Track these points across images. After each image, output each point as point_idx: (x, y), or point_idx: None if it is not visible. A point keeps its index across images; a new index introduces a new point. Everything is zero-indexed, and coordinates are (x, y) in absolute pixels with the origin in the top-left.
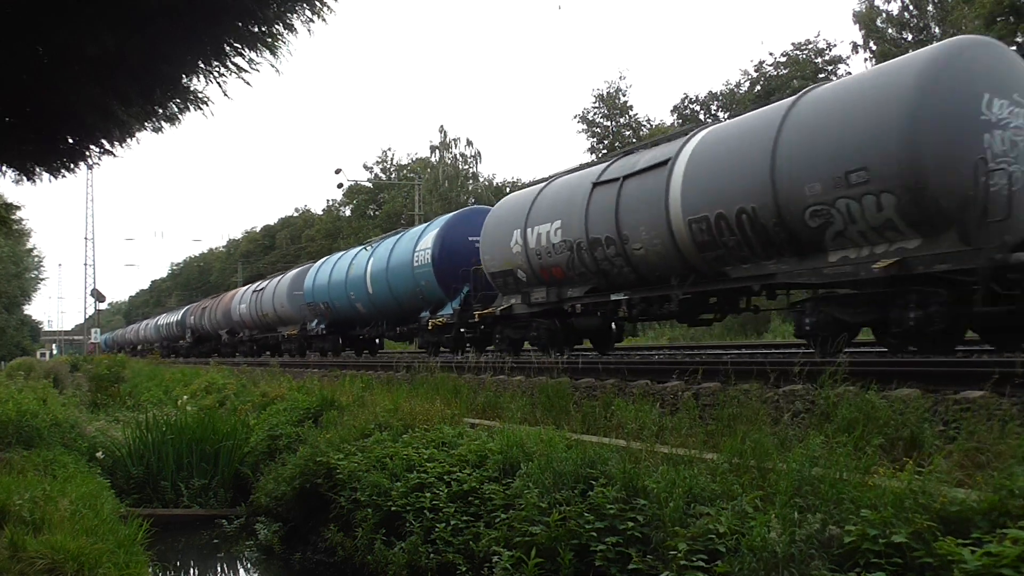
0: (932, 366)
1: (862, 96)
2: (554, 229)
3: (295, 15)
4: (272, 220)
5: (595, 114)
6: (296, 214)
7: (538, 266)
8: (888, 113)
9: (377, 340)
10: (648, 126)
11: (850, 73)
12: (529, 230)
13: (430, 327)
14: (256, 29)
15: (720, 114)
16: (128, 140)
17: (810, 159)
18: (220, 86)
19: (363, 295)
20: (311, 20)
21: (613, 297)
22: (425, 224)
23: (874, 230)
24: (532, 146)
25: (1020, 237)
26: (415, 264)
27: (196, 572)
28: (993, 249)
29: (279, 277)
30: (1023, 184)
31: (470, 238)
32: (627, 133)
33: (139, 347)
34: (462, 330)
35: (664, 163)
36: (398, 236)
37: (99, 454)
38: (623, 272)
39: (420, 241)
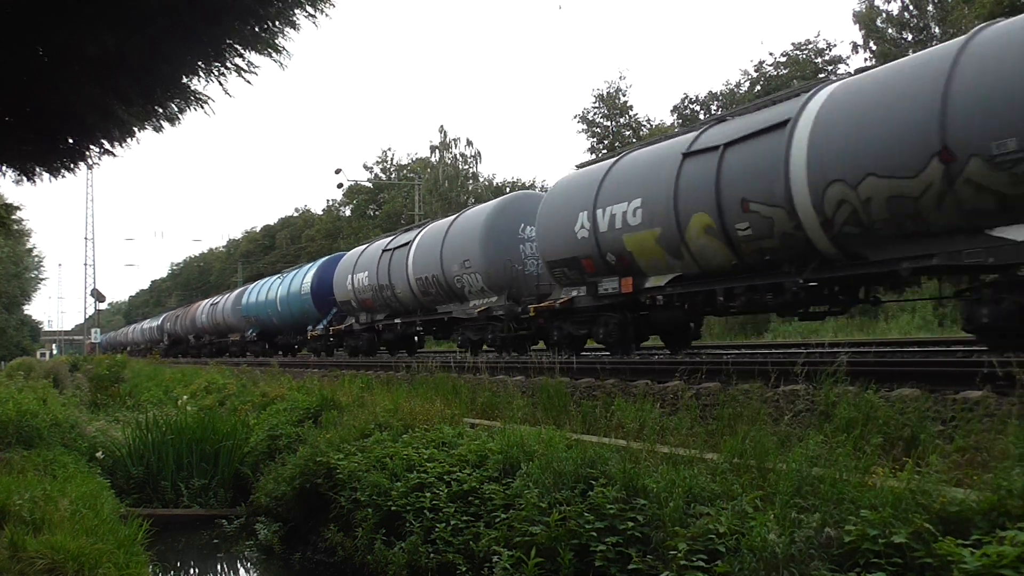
0: (932, 366)
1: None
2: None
3: (298, 11)
4: (272, 220)
5: (595, 114)
6: (296, 214)
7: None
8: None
9: (295, 345)
10: (648, 126)
11: (850, 73)
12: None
13: (310, 337)
14: (257, 28)
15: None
16: (128, 140)
17: None
18: (221, 84)
19: (276, 312)
20: (314, 16)
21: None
22: (310, 264)
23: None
24: (532, 146)
25: (535, 296)
26: (302, 292)
27: (196, 572)
28: (522, 303)
29: (227, 295)
30: (535, 269)
31: (335, 276)
32: (627, 133)
33: (127, 348)
34: (330, 339)
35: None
36: (296, 271)
37: (99, 454)
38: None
39: (306, 276)
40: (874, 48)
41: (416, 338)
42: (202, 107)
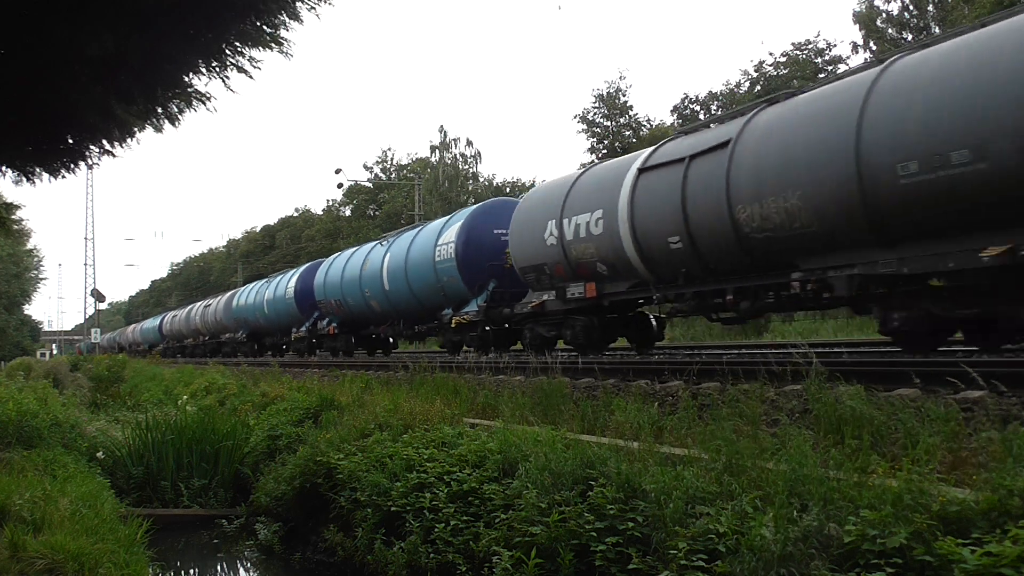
0: (932, 366)
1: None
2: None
3: (300, 2)
4: (272, 220)
5: (595, 114)
6: (296, 214)
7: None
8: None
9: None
10: (648, 126)
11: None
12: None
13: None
14: (259, 23)
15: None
16: (128, 140)
17: None
18: (224, 81)
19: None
20: (316, 6)
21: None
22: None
23: None
24: (532, 146)
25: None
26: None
27: (196, 572)
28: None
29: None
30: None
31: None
32: (627, 133)
33: (125, 347)
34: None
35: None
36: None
37: (99, 454)
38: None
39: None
40: (874, 48)
41: (391, 340)
42: (204, 105)
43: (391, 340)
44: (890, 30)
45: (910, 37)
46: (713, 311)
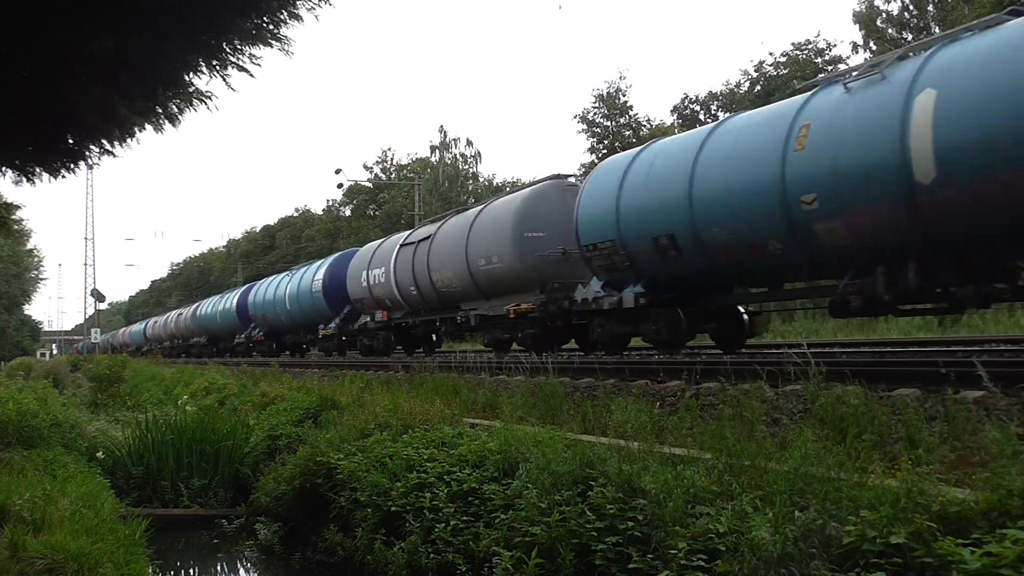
0: (931, 366)
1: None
2: (382, 272)
3: (300, 1)
4: (272, 220)
5: (595, 114)
6: (296, 214)
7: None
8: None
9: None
10: (648, 126)
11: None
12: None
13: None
14: (260, 21)
15: (720, 114)
16: (128, 140)
17: None
18: (224, 80)
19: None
20: (316, 6)
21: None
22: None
23: None
24: (532, 146)
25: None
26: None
27: (196, 572)
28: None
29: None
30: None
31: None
32: (627, 133)
33: (118, 348)
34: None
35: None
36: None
37: (99, 454)
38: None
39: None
40: (874, 48)
41: (435, 337)
42: (204, 104)
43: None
44: (890, 30)
45: (910, 37)
46: (434, 331)
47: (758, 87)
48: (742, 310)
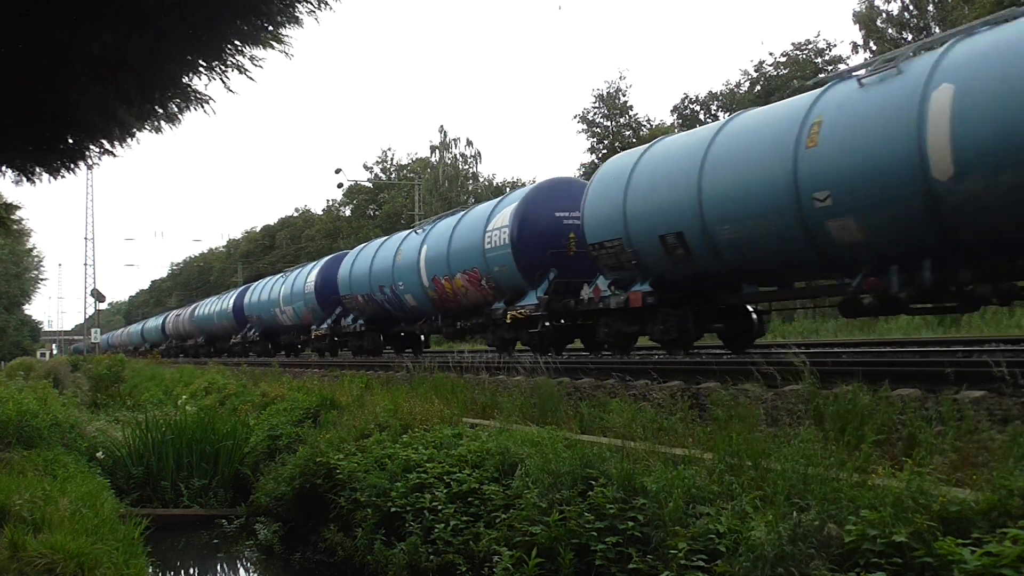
0: (932, 366)
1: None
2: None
3: (300, 5)
4: (272, 220)
5: (595, 114)
6: (296, 214)
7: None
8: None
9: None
10: (648, 126)
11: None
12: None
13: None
14: (260, 23)
15: (720, 114)
16: (128, 140)
17: None
18: (223, 82)
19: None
20: (316, 10)
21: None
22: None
23: None
24: (532, 146)
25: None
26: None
27: (196, 572)
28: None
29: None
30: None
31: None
32: (627, 133)
33: (116, 347)
34: (547, 324)
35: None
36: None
37: (99, 454)
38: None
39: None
40: (874, 48)
41: (423, 337)
42: (203, 106)
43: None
44: (890, 30)
45: (910, 37)
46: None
47: (758, 87)
48: (751, 309)
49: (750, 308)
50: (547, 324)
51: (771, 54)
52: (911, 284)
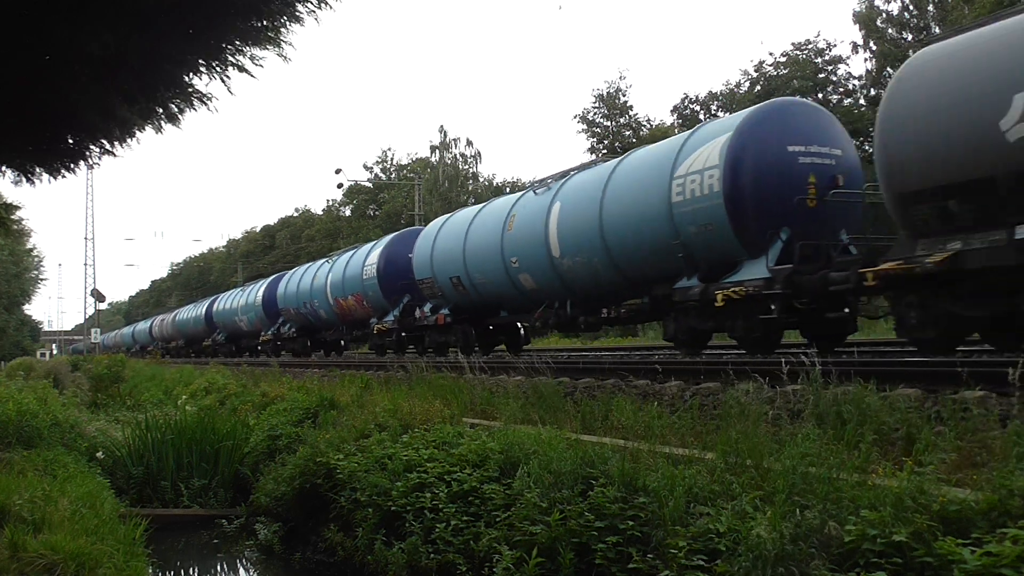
0: (932, 366)
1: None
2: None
3: (301, 4)
4: (272, 220)
5: (595, 114)
6: (296, 214)
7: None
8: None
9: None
10: (648, 126)
11: (851, 74)
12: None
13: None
14: (260, 23)
15: (720, 114)
16: (129, 140)
17: None
18: (224, 82)
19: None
20: (316, 9)
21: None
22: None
23: None
24: (532, 146)
25: None
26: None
27: (196, 572)
28: None
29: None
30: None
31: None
32: (627, 133)
33: (111, 347)
34: (403, 334)
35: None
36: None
37: (99, 454)
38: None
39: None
40: (874, 48)
41: (342, 343)
42: (204, 105)
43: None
44: (890, 30)
45: (910, 37)
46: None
47: (758, 87)
48: (519, 325)
49: (519, 325)
50: (403, 334)
51: (771, 54)
52: (557, 315)
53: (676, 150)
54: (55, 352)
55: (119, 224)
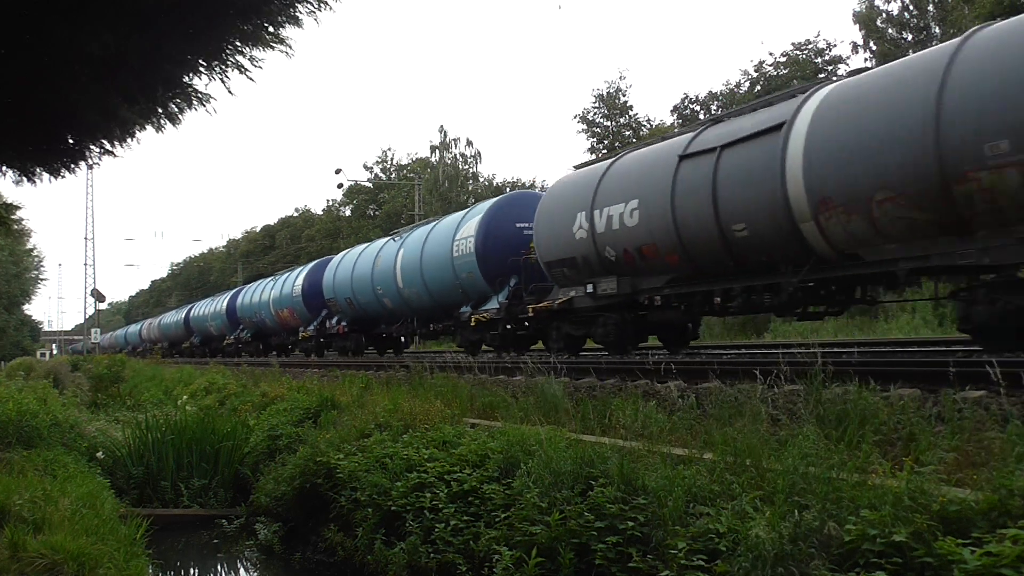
0: (932, 366)
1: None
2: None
3: (300, 5)
4: (272, 220)
5: (595, 114)
6: (296, 214)
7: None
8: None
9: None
10: (648, 126)
11: (851, 73)
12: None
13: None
14: (260, 23)
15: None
16: (129, 140)
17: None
18: (223, 83)
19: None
20: (316, 11)
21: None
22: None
23: None
24: (532, 146)
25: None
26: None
27: (196, 572)
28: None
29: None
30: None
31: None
32: (627, 133)
33: (105, 349)
34: (509, 326)
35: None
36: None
37: (99, 454)
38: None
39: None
40: (874, 48)
41: (403, 339)
42: (204, 105)
43: (403, 339)
44: (890, 30)
45: (910, 37)
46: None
47: (758, 87)
48: (402, 338)
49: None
50: (320, 339)
51: (771, 54)
52: (406, 328)
53: (457, 222)
54: (55, 352)
55: (119, 224)
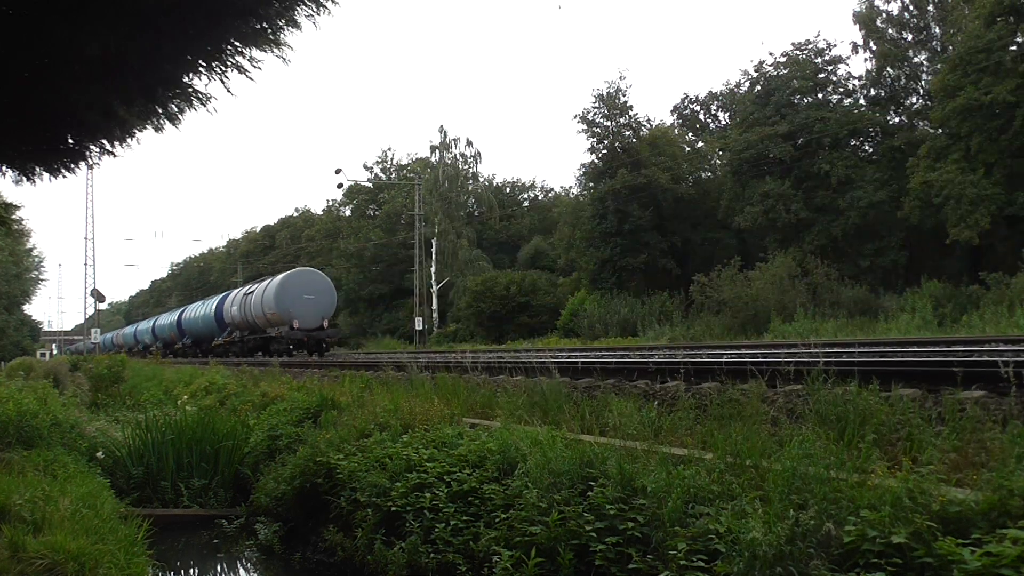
0: (932, 366)
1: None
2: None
3: (299, 8)
4: (272, 220)
5: (595, 114)
6: (296, 214)
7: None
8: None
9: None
10: (648, 126)
11: (851, 74)
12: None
13: (214, 345)
14: (259, 26)
15: (720, 114)
16: (129, 140)
17: None
18: (223, 83)
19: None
20: (315, 14)
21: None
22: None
23: None
24: (532, 146)
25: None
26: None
27: (196, 572)
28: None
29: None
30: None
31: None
32: (627, 133)
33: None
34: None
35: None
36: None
37: (99, 454)
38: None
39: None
40: (874, 48)
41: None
42: (204, 106)
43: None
44: (890, 30)
45: (910, 37)
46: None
47: (758, 87)
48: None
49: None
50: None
51: (771, 54)
52: (209, 344)
53: (216, 299)
54: (55, 352)
55: (119, 224)
